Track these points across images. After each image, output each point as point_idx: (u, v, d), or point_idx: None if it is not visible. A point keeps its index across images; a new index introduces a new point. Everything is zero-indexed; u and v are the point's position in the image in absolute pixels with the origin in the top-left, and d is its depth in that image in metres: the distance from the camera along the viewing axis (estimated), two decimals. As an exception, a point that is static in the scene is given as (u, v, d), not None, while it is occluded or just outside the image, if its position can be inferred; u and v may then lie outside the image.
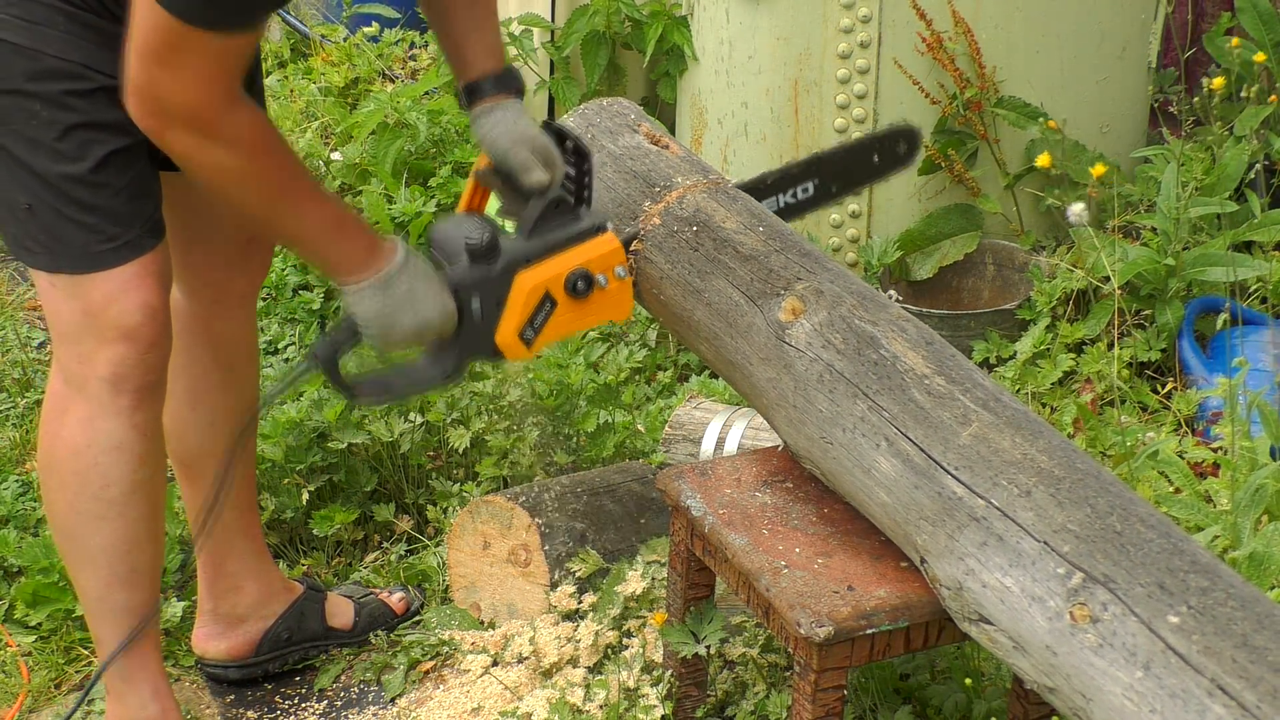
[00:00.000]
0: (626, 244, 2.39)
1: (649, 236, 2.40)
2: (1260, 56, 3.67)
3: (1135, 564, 1.76)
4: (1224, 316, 3.12)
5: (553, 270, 2.25)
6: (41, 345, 3.81)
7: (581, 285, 2.26)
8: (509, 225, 2.33)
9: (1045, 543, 1.82)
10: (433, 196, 3.99)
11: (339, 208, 2.13)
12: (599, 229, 2.29)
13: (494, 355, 2.28)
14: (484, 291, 2.23)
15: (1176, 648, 1.66)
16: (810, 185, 2.59)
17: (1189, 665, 1.64)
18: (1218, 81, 3.49)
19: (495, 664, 2.65)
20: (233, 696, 2.73)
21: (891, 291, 3.59)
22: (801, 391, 2.13)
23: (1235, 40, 3.73)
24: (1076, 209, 2.94)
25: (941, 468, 1.95)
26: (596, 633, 2.58)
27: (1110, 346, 3.28)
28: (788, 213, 2.59)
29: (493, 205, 2.41)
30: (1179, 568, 1.74)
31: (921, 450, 1.98)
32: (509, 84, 2.29)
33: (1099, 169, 3.34)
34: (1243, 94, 3.69)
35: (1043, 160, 3.46)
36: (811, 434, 2.13)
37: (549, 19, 4.37)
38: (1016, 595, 1.82)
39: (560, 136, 2.31)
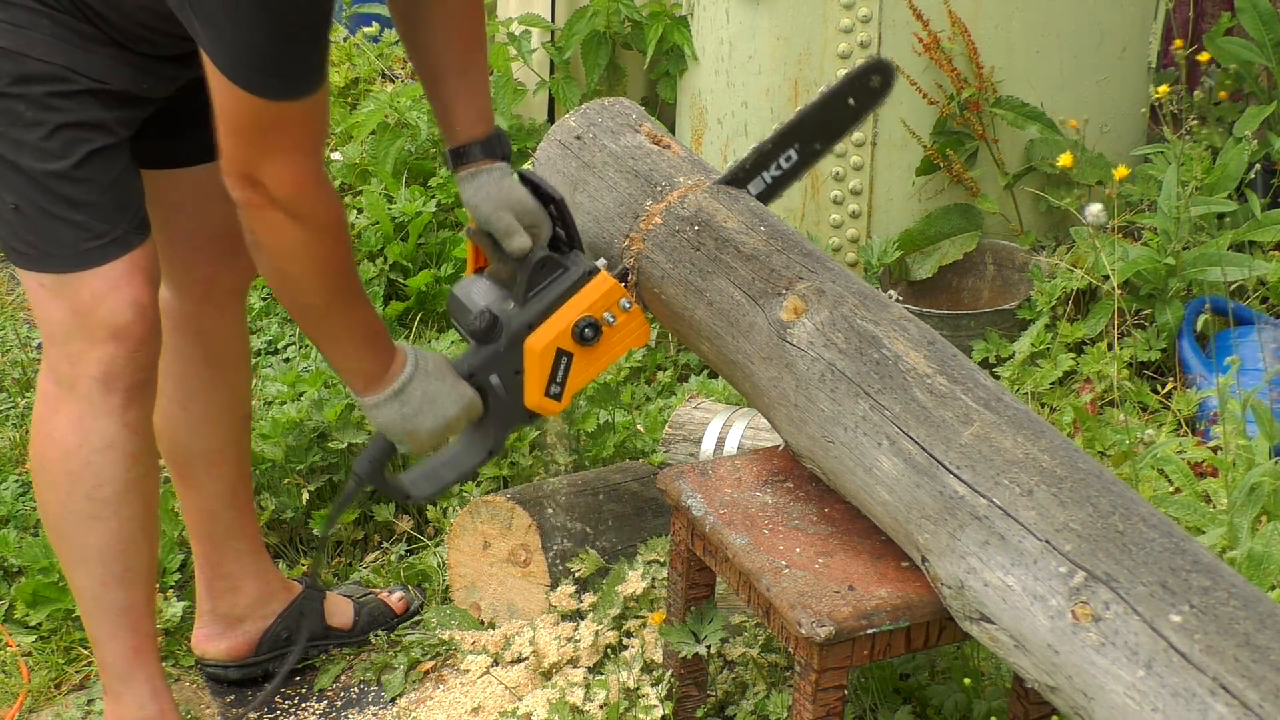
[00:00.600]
0: (622, 279, 2.40)
1: (650, 235, 2.40)
2: (1204, 55, 3.69)
3: (1137, 563, 1.75)
4: (1204, 318, 3.12)
5: (557, 328, 2.28)
6: (41, 346, 3.81)
7: (589, 332, 2.29)
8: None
9: (1047, 542, 1.82)
10: (433, 196, 3.99)
11: (377, 317, 2.19)
12: (591, 273, 2.31)
13: (530, 418, 2.33)
14: (499, 367, 2.27)
15: (1179, 647, 1.66)
16: (792, 152, 2.56)
17: (1191, 664, 1.64)
18: (1163, 89, 3.49)
19: (495, 664, 2.65)
20: (233, 696, 2.73)
21: (891, 291, 3.59)
22: (803, 390, 2.13)
23: (1204, 55, 3.74)
24: (1094, 210, 2.93)
25: (943, 466, 1.95)
26: (596, 633, 2.58)
27: (1110, 346, 3.28)
28: (778, 186, 2.55)
29: None
30: (1181, 567, 1.74)
31: (923, 449, 1.98)
32: (495, 149, 2.31)
33: (1122, 171, 3.35)
34: (1218, 97, 3.71)
35: (1064, 160, 3.46)
36: (813, 433, 2.13)
37: (549, 19, 4.37)
38: (1018, 594, 1.82)
39: (533, 187, 2.32)
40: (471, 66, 2.30)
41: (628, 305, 2.33)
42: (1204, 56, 3.76)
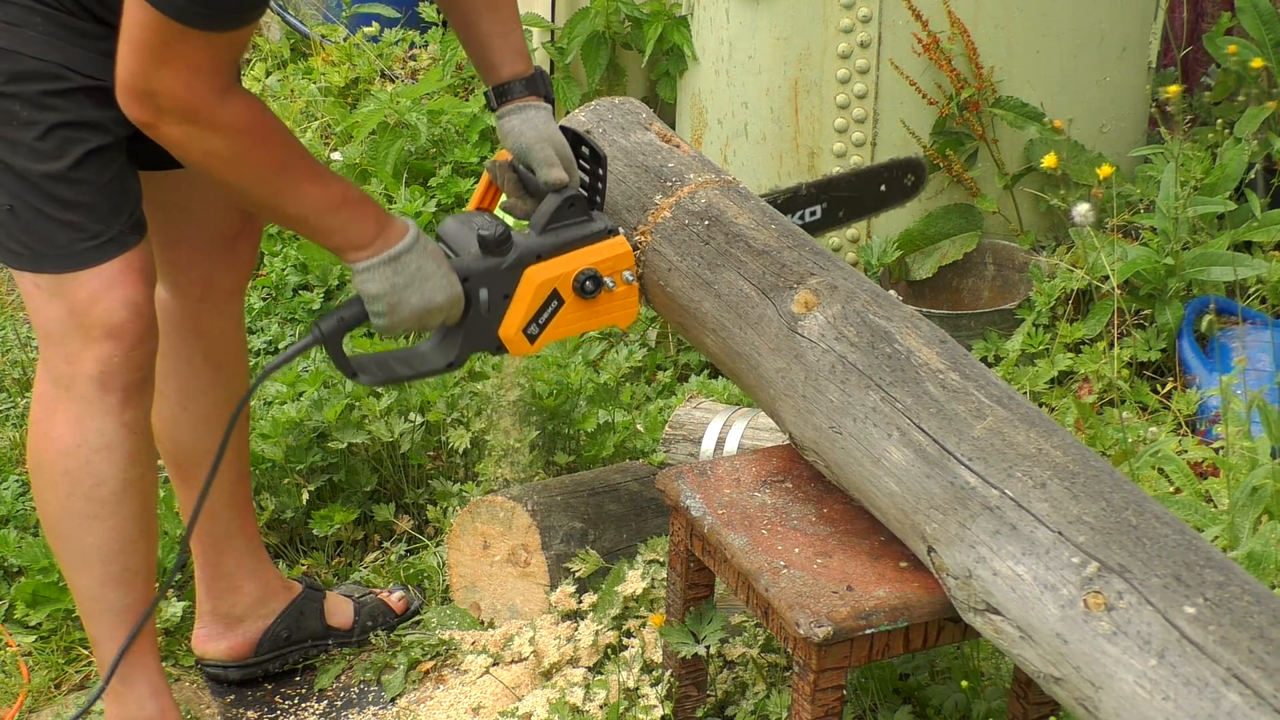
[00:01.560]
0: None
1: (659, 228, 2.40)
2: (1258, 62, 3.67)
3: (1151, 556, 1.75)
4: (1209, 318, 3.13)
5: (562, 268, 2.27)
6: (38, 346, 3.81)
7: (590, 285, 2.28)
8: (518, 225, 2.35)
9: (1060, 533, 1.82)
10: (433, 196, 3.99)
11: (343, 186, 2.13)
12: (611, 232, 2.31)
13: (497, 349, 2.30)
14: (492, 283, 2.24)
15: (1193, 637, 1.65)
16: (819, 209, 2.63)
17: (1205, 654, 1.64)
18: (1173, 90, 3.47)
19: (495, 664, 2.65)
20: (233, 696, 2.73)
21: (891, 291, 3.59)
22: (812, 381, 2.13)
23: (1233, 48, 3.73)
24: (1082, 209, 2.93)
25: (955, 458, 1.95)
26: (596, 633, 2.58)
27: (1110, 346, 3.28)
28: None
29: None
30: (1194, 562, 1.74)
31: (935, 441, 1.98)
32: (538, 87, 2.32)
33: (1105, 169, 3.35)
34: (1239, 96, 3.70)
35: (1049, 161, 3.46)
36: (820, 424, 2.13)
37: (549, 19, 4.38)
38: (1028, 583, 1.81)
39: (576, 140, 2.34)
40: (501, 3, 2.31)
41: (631, 278, 2.32)
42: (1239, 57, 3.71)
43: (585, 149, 2.35)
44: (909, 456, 2.00)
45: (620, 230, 2.34)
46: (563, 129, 2.34)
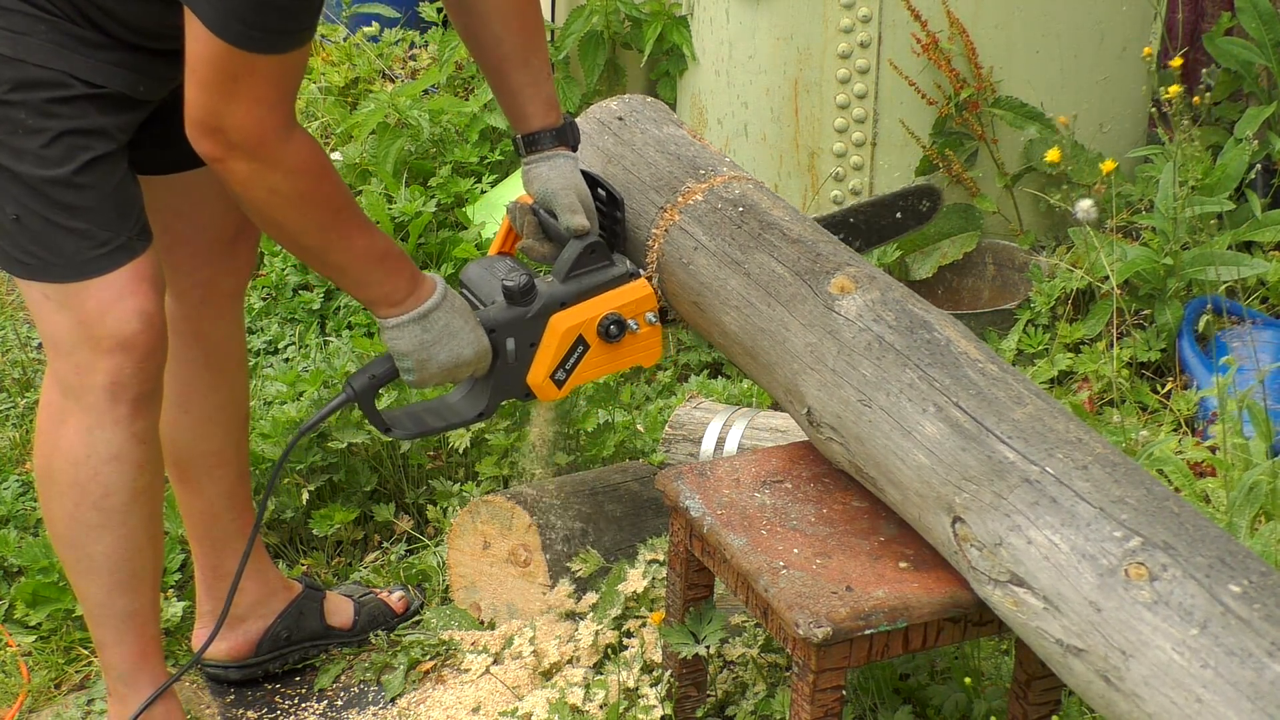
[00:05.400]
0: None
1: (688, 209, 2.41)
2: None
3: (1195, 540, 1.76)
4: (1206, 318, 3.13)
5: (587, 314, 2.32)
6: (41, 346, 3.81)
7: (614, 330, 2.33)
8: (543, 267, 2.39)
9: (1102, 509, 1.82)
10: (433, 196, 3.99)
11: (385, 239, 2.18)
12: (632, 275, 2.35)
13: (526, 395, 2.35)
14: (519, 332, 2.29)
15: (1238, 612, 1.66)
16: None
17: (1250, 628, 1.64)
18: (1174, 90, 3.47)
19: (495, 664, 2.65)
20: (233, 696, 2.73)
21: (891, 291, 3.59)
22: (845, 356, 2.13)
23: (1206, 67, 3.74)
24: (1085, 205, 2.94)
25: (994, 435, 1.95)
26: (596, 633, 2.58)
27: (1110, 346, 3.28)
28: None
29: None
30: (1237, 551, 1.75)
31: (973, 418, 1.98)
32: (567, 138, 2.37)
33: (1109, 165, 3.35)
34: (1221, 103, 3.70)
35: (1052, 155, 3.47)
36: (848, 396, 2.12)
37: (549, 19, 4.38)
38: (1065, 552, 1.81)
39: (593, 184, 2.38)
40: (533, 55, 2.34)
41: (653, 319, 2.38)
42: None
43: (602, 191, 2.39)
44: (944, 430, 2.00)
45: (641, 273, 2.38)
46: (581, 172, 2.38)
